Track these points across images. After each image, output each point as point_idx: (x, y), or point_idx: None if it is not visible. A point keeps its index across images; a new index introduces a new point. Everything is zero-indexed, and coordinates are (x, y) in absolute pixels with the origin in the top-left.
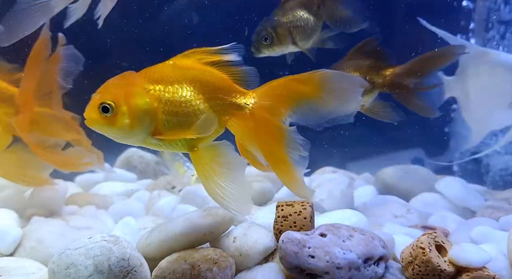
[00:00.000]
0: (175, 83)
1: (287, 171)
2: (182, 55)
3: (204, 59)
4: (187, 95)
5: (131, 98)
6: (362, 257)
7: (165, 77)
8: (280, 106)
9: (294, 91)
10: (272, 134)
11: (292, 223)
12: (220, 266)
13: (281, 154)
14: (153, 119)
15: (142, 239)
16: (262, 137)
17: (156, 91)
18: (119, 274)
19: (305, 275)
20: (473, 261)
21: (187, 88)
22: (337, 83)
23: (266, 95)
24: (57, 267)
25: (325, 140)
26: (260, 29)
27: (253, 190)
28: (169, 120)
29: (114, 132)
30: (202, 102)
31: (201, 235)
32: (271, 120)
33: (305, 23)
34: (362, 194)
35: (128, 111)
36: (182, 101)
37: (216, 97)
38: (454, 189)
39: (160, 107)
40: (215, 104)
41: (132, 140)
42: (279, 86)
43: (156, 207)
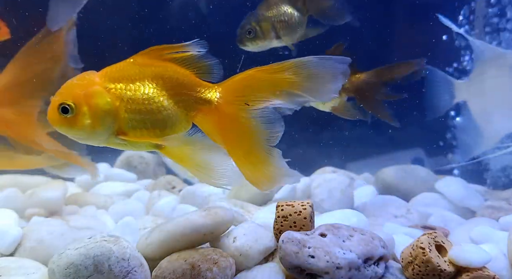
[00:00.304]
0: (136, 81)
1: (262, 163)
2: (142, 53)
3: (165, 56)
4: (150, 92)
5: (91, 98)
6: (362, 257)
7: (126, 75)
8: (248, 98)
9: (265, 81)
10: (240, 128)
11: (292, 223)
12: (220, 266)
13: (253, 147)
14: (116, 118)
15: (142, 239)
16: (230, 131)
17: (117, 89)
18: (119, 274)
19: (305, 275)
20: (473, 261)
21: (149, 85)
22: (315, 69)
23: (233, 88)
24: (57, 267)
25: (325, 140)
26: (245, 23)
27: (253, 190)
28: (132, 118)
29: (76, 133)
30: (166, 98)
31: (201, 235)
32: (239, 113)
33: (289, 18)
34: (362, 194)
35: (88, 111)
36: (145, 98)
37: (180, 93)
38: (454, 189)
39: (122, 106)
40: (179, 99)
41: (95, 140)
42: (246, 78)
43: (156, 207)
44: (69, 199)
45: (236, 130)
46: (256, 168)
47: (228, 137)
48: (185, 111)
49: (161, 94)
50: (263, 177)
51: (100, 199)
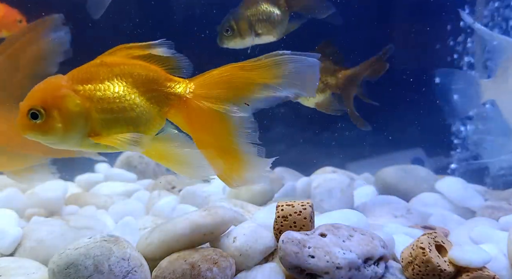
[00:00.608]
0: (105, 81)
1: (235, 160)
2: (109, 53)
3: (132, 54)
4: (120, 90)
5: (60, 101)
6: (362, 257)
7: (94, 76)
8: (221, 93)
9: (239, 77)
10: (213, 123)
11: (292, 223)
12: (220, 266)
13: (227, 143)
14: (87, 120)
15: (142, 239)
16: (203, 126)
17: (86, 91)
18: (119, 274)
19: (305, 275)
20: (473, 261)
21: (119, 83)
22: (291, 66)
23: (205, 83)
24: (57, 267)
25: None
26: (223, 22)
27: (253, 190)
28: (104, 118)
29: (48, 138)
30: (137, 95)
31: (201, 235)
32: (212, 108)
33: (268, 16)
34: (362, 194)
35: (59, 114)
36: (116, 97)
37: (151, 89)
38: (454, 189)
39: (93, 106)
40: (151, 96)
41: (69, 144)
42: (219, 73)
43: (156, 207)
44: (69, 199)
45: (207, 125)
46: (226, 164)
47: (199, 132)
48: (158, 107)
49: (132, 92)
50: (233, 173)
51: (100, 199)
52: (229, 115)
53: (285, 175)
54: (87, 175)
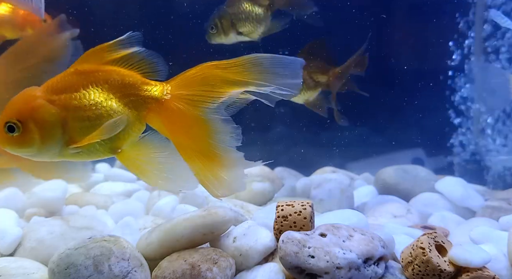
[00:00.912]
0: (81, 89)
1: (215, 166)
2: (82, 60)
3: (105, 59)
4: (96, 97)
5: (36, 112)
6: (362, 257)
7: (69, 85)
8: (199, 94)
9: (215, 76)
10: (193, 125)
11: (292, 223)
12: (220, 266)
13: (205, 147)
14: (65, 129)
15: (142, 239)
16: (182, 129)
17: (61, 100)
18: (119, 274)
19: (305, 275)
20: (473, 261)
21: (94, 90)
22: (269, 64)
23: (182, 84)
24: (57, 267)
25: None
26: (210, 19)
27: (253, 190)
28: (82, 126)
29: (27, 151)
30: (114, 101)
31: (201, 235)
32: (190, 110)
33: (247, 15)
34: (362, 194)
35: (35, 126)
36: (92, 104)
37: (128, 94)
38: (454, 189)
39: (69, 115)
40: (128, 101)
41: (47, 155)
42: (196, 73)
43: (156, 207)
44: (69, 199)
45: (186, 128)
46: (209, 171)
47: (178, 136)
48: (136, 111)
49: (108, 98)
50: (216, 181)
51: (100, 199)
52: (208, 116)
53: (285, 175)
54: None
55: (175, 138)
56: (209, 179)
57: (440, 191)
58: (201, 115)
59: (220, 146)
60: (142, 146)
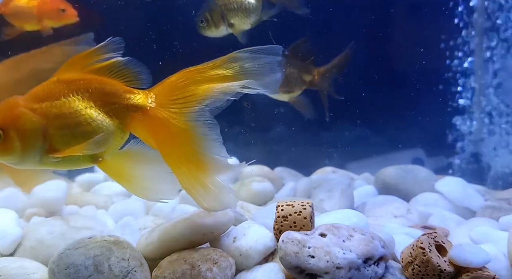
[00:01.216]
0: (62, 97)
1: (202, 174)
2: (64, 69)
3: (88, 67)
4: (76, 105)
5: (16, 120)
6: (362, 257)
7: (51, 94)
8: (183, 101)
9: (197, 81)
10: (177, 133)
11: (292, 223)
12: (220, 266)
13: (191, 155)
14: (46, 137)
15: (142, 239)
16: (165, 137)
17: (43, 108)
18: (119, 274)
19: (305, 275)
20: (473, 261)
21: (75, 99)
22: (248, 63)
23: (165, 91)
24: (57, 267)
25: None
26: (200, 11)
27: (253, 190)
28: (62, 134)
29: (8, 158)
30: (94, 109)
31: (201, 235)
32: (175, 118)
33: (239, 6)
34: (362, 194)
35: (16, 134)
36: (72, 112)
37: (110, 102)
38: (454, 189)
39: (50, 123)
40: (110, 109)
41: (29, 162)
42: (177, 79)
43: (156, 207)
44: (69, 199)
45: (172, 136)
46: (195, 179)
47: (164, 144)
48: (117, 120)
49: (88, 106)
50: (204, 191)
51: (100, 199)
52: (193, 123)
53: (285, 175)
54: (87, 175)
55: (160, 146)
56: (196, 189)
57: (440, 191)
58: (186, 121)
59: (206, 152)
60: (124, 155)
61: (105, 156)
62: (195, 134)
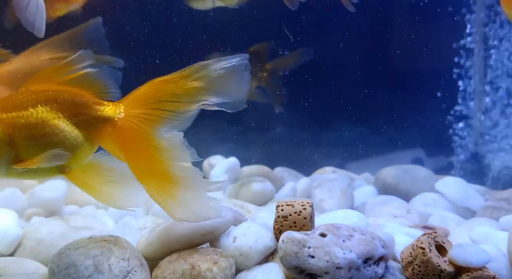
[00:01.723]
0: (29, 108)
1: (171, 185)
2: (35, 80)
3: (59, 79)
4: (43, 116)
5: None
6: (362, 257)
7: (18, 104)
8: (152, 112)
9: (165, 91)
10: (147, 144)
11: (292, 223)
12: (220, 266)
13: (161, 166)
14: (12, 147)
15: (142, 239)
16: (135, 149)
17: (9, 118)
18: (119, 274)
19: (305, 275)
20: (473, 261)
21: (42, 109)
22: (218, 71)
23: (134, 103)
24: (57, 267)
25: (325, 140)
26: None
27: (253, 190)
28: (28, 145)
29: None
30: (61, 120)
31: (201, 235)
32: (144, 129)
33: None
34: (362, 194)
35: None
36: (38, 123)
37: (78, 114)
38: (454, 189)
39: (16, 133)
40: (78, 120)
41: None
42: (145, 91)
43: (156, 207)
44: (69, 199)
45: (141, 148)
46: (165, 192)
47: (133, 156)
48: (85, 131)
49: (55, 117)
50: (175, 202)
51: None
52: (162, 135)
53: (285, 175)
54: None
55: (129, 158)
56: (165, 201)
57: (440, 191)
58: (155, 133)
59: (176, 165)
60: (91, 166)
61: (72, 167)
62: (165, 146)
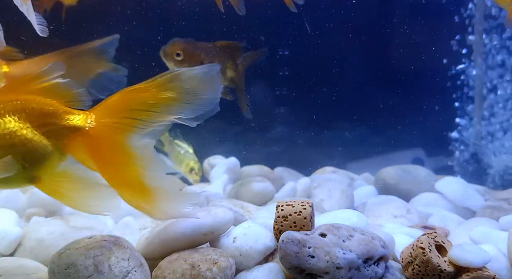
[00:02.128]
0: None
1: (145, 194)
2: (4, 90)
3: (29, 89)
4: (11, 126)
5: None
6: (362, 257)
7: None
8: (123, 121)
9: (136, 100)
10: (118, 154)
11: (292, 223)
12: (220, 266)
13: (134, 175)
14: None
15: (142, 239)
16: (106, 158)
17: None
18: (119, 274)
19: (305, 275)
20: (473, 261)
21: (10, 119)
22: (190, 80)
23: (106, 112)
24: (57, 267)
25: (325, 140)
26: None
27: (253, 190)
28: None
29: None
30: (30, 131)
31: (201, 235)
32: (115, 138)
33: None
34: (362, 194)
35: None
36: (6, 133)
37: (48, 123)
38: (454, 189)
39: None
40: (47, 130)
41: None
42: (117, 101)
43: None
44: None
45: (113, 157)
46: (141, 199)
47: (105, 165)
48: (55, 141)
49: (24, 127)
50: (150, 207)
51: None
52: (134, 144)
53: (285, 175)
54: None
55: (101, 167)
56: (141, 206)
57: (440, 191)
58: (127, 142)
59: (149, 174)
60: (61, 175)
61: (42, 176)
62: (137, 155)
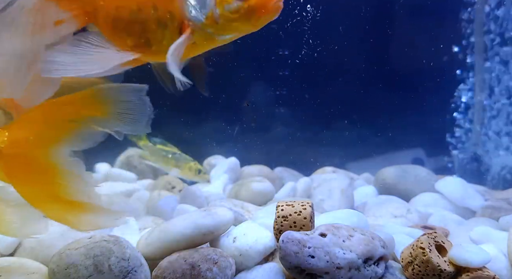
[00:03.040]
0: None
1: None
2: None
3: None
4: None
5: None
6: (362, 257)
7: None
8: (41, 136)
9: (55, 114)
10: (37, 170)
11: (292, 223)
12: (220, 266)
13: (57, 190)
14: None
15: (142, 239)
16: (26, 175)
17: None
18: (119, 274)
19: (305, 275)
20: (473, 261)
21: None
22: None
23: (22, 128)
24: (57, 267)
25: (325, 140)
26: None
27: (253, 190)
28: None
29: None
30: None
31: (201, 235)
32: (33, 155)
33: None
34: (362, 194)
35: None
36: None
37: None
38: (454, 189)
39: None
40: None
41: None
42: (36, 115)
43: (156, 207)
44: None
45: (32, 174)
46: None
47: (22, 183)
48: None
49: None
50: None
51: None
52: (55, 158)
53: (285, 175)
54: None
55: (18, 186)
56: (65, 220)
57: (440, 191)
58: (49, 157)
59: (72, 188)
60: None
61: None
62: (59, 169)
